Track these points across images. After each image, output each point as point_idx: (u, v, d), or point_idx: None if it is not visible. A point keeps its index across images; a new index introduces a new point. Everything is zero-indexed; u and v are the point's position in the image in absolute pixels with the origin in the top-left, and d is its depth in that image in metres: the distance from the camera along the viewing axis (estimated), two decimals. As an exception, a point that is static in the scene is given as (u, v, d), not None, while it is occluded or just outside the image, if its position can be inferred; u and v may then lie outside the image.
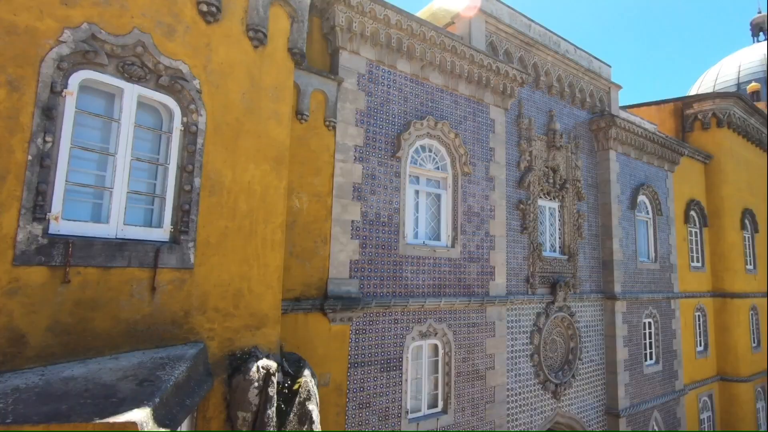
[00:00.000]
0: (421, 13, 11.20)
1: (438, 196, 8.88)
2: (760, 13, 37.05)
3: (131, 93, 3.98)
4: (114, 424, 2.49)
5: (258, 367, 4.22)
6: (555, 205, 11.44)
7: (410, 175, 8.40)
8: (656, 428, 12.98)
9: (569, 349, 11.16)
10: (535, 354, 10.13)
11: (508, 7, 10.77)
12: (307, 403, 4.58)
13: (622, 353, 12.07)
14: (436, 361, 8.39)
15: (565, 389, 10.66)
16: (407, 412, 7.63)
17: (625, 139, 13.04)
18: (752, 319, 17.19)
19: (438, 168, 8.87)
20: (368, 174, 7.62)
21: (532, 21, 11.32)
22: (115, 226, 3.83)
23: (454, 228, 8.80)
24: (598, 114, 12.78)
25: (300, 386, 4.67)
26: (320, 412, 5.36)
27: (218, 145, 4.51)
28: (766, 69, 30.52)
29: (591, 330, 11.82)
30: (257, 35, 4.88)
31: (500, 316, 9.36)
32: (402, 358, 7.66)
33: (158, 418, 2.74)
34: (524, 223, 10.30)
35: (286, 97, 5.24)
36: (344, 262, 7.15)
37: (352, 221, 7.33)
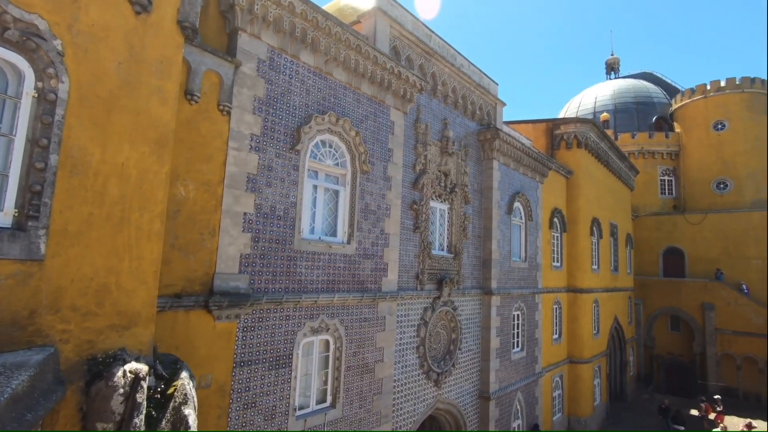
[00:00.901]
0: (328, 7, 11.09)
1: (336, 192, 8.90)
2: (612, 55, 44.54)
3: (-36, 44, 3.25)
4: None
5: (125, 371, 3.77)
6: (445, 207, 12.29)
7: (309, 170, 8.28)
8: (519, 407, 14.78)
9: (451, 340, 12.10)
10: (421, 346, 10.77)
11: (412, 15, 11.23)
12: (182, 407, 4.23)
13: (495, 342, 13.49)
14: (327, 357, 8.42)
15: (446, 377, 11.53)
16: (295, 410, 7.52)
17: (507, 151, 14.57)
18: (595, 310, 20.58)
19: (338, 164, 8.89)
20: (264, 165, 7.31)
21: (433, 32, 11.98)
22: (-69, 206, 3.09)
23: (351, 225, 8.90)
24: (486, 126, 14.06)
25: (175, 390, 4.29)
26: (199, 415, 4.99)
27: (84, 119, 3.91)
28: (614, 103, 36.79)
29: (471, 322, 12.97)
30: (140, 0, 4.34)
31: (391, 311, 9.74)
32: (292, 354, 7.52)
33: (-15, 439, 2.29)
34: (417, 222, 10.87)
35: (173, 73, 4.76)
36: (234, 256, 6.77)
37: (245, 213, 6.97)
